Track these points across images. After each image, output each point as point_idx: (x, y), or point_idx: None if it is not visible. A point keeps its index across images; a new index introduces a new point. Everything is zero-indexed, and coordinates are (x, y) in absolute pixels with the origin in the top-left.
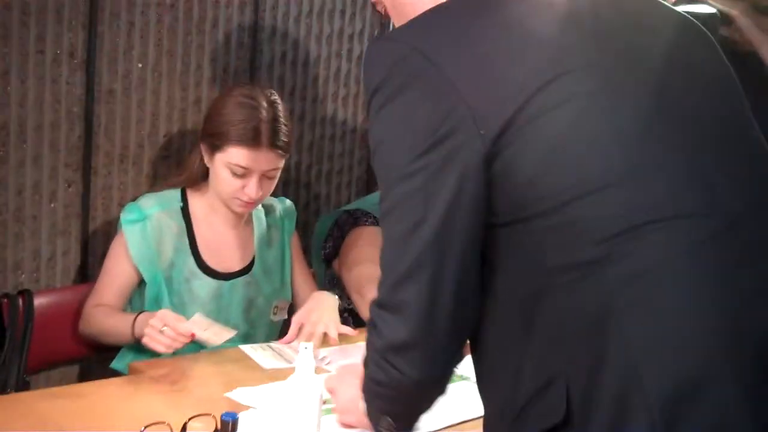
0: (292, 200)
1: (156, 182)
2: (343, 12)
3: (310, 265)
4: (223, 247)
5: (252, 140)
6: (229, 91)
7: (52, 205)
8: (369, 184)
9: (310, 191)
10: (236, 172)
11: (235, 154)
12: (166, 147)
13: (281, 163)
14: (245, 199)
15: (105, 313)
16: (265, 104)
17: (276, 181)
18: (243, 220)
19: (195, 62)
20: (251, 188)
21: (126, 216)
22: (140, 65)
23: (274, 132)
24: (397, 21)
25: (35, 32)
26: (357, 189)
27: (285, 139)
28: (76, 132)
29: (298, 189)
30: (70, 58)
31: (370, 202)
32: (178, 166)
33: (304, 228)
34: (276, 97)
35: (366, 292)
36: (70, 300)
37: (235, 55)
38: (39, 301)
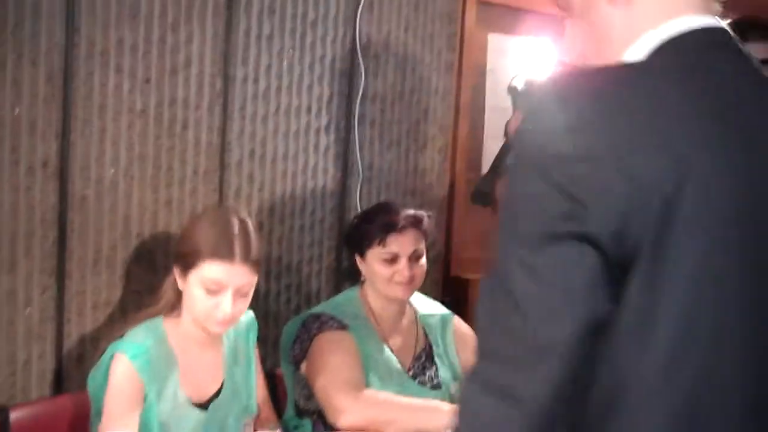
0: (263, 291)
1: (129, 283)
2: (309, 108)
3: (278, 364)
4: (200, 373)
5: (226, 254)
6: (199, 214)
7: (28, 310)
8: (338, 273)
9: (281, 282)
10: (211, 288)
11: (210, 269)
12: (138, 248)
13: (254, 280)
14: (221, 317)
15: None
16: (236, 221)
17: (249, 299)
18: (215, 340)
19: (166, 164)
20: (226, 304)
21: (129, 352)
22: (112, 170)
23: (247, 246)
24: (584, 44)
25: (9, 144)
26: (326, 277)
27: (256, 255)
28: (50, 238)
29: (269, 280)
30: (43, 168)
31: (335, 303)
32: (150, 267)
33: (275, 319)
34: (245, 215)
35: (335, 402)
36: (48, 413)
37: (204, 156)
38: (15, 416)
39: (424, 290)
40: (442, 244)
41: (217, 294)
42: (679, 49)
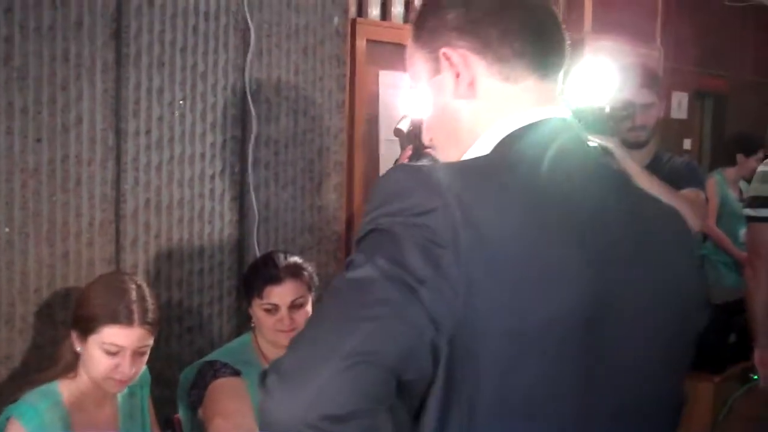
0: (165, 334)
1: (29, 338)
2: (203, 155)
3: (176, 410)
4: (95, 430)
5: (125, 318)
6: (95, 280)
7: None
8: (239, 313)
9: (182, 324)
10: (110, 351)
11: (109, 334)
12: (36, 303)
13: (151, 340)
14: (119, 377)
15: None
16: (133, 286)
17: (146, 357)
18: (110, 398)
19: (61, 219)
20: (125, 366)
21: (23, 417)
22: (7, 230)
23: (144, 310)
24: (436, 132)
25: None
26: (228, 317)
27: (154, 317)
28: None
29: (171, 323)
30: None
31: (228, 349)
32: (49, 320)
33: (179, 361)
34: (140, 280)
35: None
36: None
37: (99, 209)
38: None
39: None
40: None
41: (116, 356)
42: (521, 143)
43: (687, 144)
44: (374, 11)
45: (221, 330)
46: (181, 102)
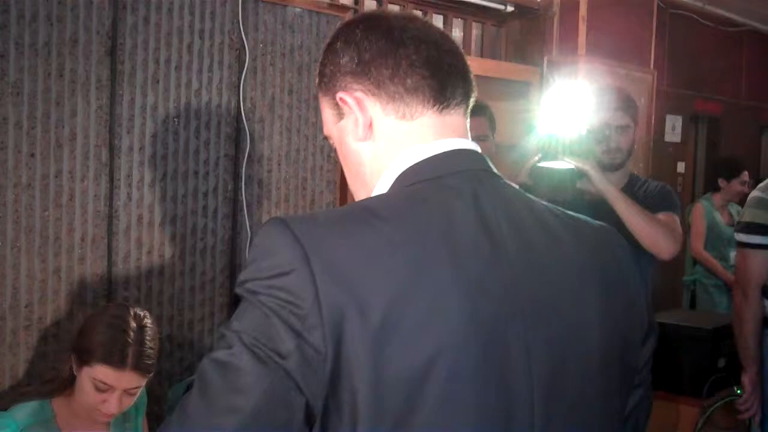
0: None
1: (19, 353)
2: (196, 172)
3: None
4: None
5: (117, 361)
6: (101, 310)
7: None
8: None
9: (173, 341)
10: (99, 388)
11: (101, 372)
12: (27, 317)
13: (143, 382)
14: (105, 411)
15: None
16: (134, 326)
17: (137, 395)
18: None
19: (53, 234)
20: (111, 405)
21: (3, 430)
22: None
23: (140, 355)
24: (348, 175)
25: None
26: (218, 335)
27: (149, 362)
28: None
29: (162, 341)
30: None
31: None
32: (40, 335)
33: (169, 378)
34: (147, 320)
35: None
36: None
37: (92, 224)
38: None
39: None
40: None
41: (104, 392)
42: (413, 179)
43: (681, 167)
44: None
45: (212, 347)
46: (175, 119)
